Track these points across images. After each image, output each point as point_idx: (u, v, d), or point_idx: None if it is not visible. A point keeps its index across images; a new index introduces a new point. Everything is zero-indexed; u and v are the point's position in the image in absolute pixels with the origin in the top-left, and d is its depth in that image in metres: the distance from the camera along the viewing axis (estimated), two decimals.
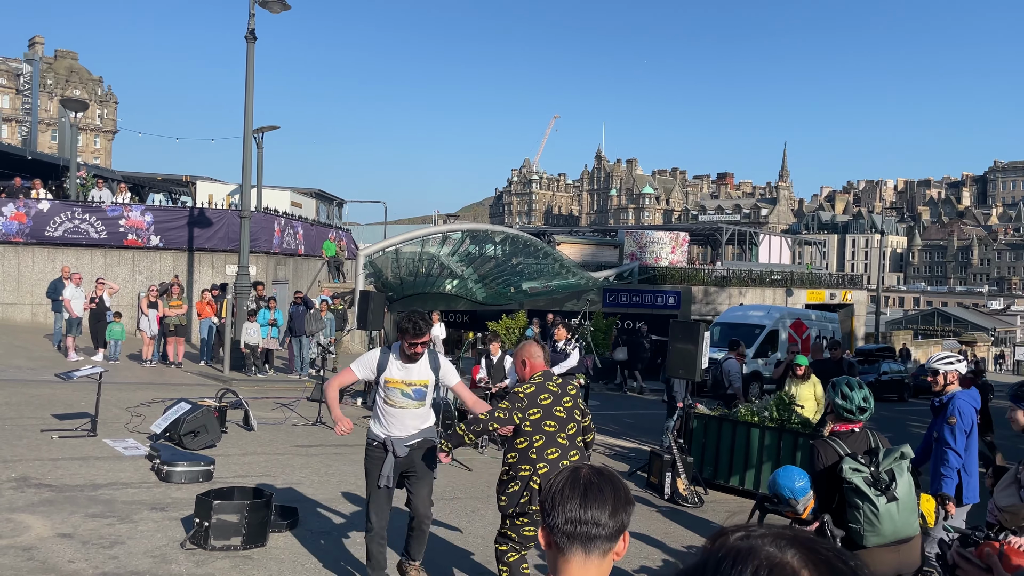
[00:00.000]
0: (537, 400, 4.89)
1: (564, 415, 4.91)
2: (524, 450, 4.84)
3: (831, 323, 26.39)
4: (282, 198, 29.18)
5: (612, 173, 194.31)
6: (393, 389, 5.27)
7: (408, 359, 5.26)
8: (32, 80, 56.12)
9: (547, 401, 4.90)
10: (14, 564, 5.43)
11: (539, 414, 4.86)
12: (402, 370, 5.28)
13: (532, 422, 4.83)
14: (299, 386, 15.97)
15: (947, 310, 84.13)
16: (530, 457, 4.86)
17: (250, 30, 17.97)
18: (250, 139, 18.82)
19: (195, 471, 7.94)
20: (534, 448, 4.85)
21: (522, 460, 4.89)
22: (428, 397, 5.42)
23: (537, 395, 4.90)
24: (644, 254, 39.41)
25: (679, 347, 10.53)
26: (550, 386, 4.94)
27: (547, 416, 4.86)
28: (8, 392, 12.17)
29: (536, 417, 4.85)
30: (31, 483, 7.41)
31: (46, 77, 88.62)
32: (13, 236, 21.11)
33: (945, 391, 5.85)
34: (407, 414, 5.30)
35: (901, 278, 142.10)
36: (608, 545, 1.79)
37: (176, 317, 17.32)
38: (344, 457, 9.93)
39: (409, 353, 5.24)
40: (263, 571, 5.69)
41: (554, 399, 4.92)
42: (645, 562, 6.80)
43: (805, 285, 40.84)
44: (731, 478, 10.01)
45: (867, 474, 4.03)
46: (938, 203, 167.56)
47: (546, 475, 4.79)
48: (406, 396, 5.28)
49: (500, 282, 30.26)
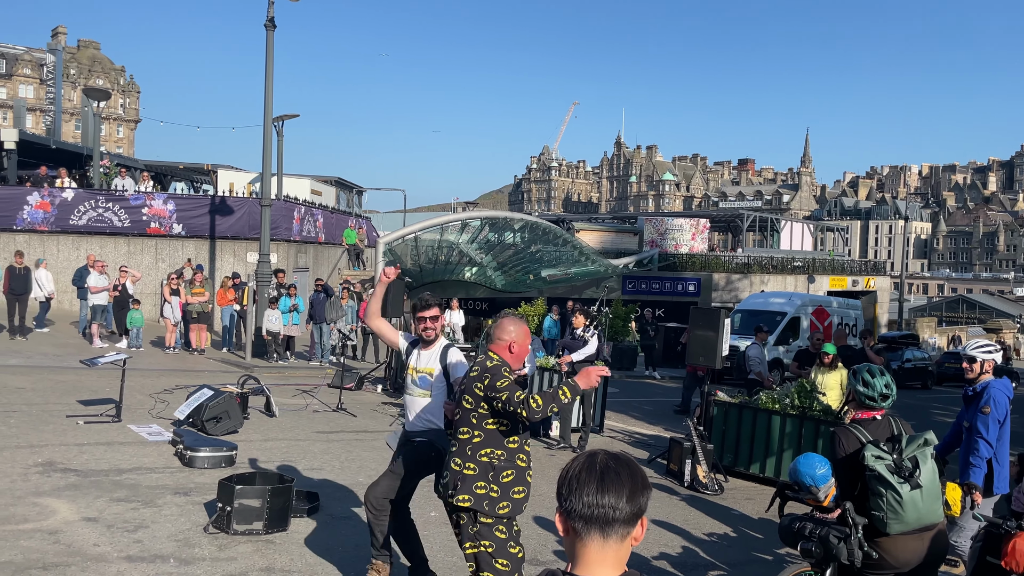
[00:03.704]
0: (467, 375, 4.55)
1: (460, 398, 4.42)
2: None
3: (854, 310, 26.11)
4: (302, 186, 29.30)
5: (632, 160, 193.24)
6: (409, 374, 5.24)
7: (425, 344, 5.16)
8: (55, 70, 56.66)
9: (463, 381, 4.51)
10: (40, 547, 5.52)
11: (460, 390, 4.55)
12: (416, 356, 5.21)
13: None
14: (320, 373, 16.08)
15: (972, 297, 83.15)
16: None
17: (269, 18, 18.01)
18: (270, 127, 18.91)
19: (218, 456, 8.02)
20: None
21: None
22: (435, 390, 5.06)
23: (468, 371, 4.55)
24: (664, 241, 39.21)
25: (699, 334, 10.46)
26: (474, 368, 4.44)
27: (459, 396, 4.47)
28: (34, 378, 12.36)
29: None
30: (57, 468, 7.52)
31: (69, 67, 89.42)
32: (38, 225, 21.39)
33: (979, 379, 5.78)
34: (417, 404, 5.17)
35: (925, 264, 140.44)
36: (626, 529, 1.78)
37: (199, 304, 17.48)
38: (364, 443, 10.00)
39: (420, 330, 5.10)
40: (285, 555, 5.74)
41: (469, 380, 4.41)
42: (665, 549, 6.78)
43: (827, 272, 40.47)
44: (752, 465, 9.95)
45: (890, 461, 3.98)
46: (964, 188, 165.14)
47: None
48: (414, 383, 5.18)
49: (519, 269, 30.24)
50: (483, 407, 4.28)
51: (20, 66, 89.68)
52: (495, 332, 4.46)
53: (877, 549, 4.05)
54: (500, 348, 4.40)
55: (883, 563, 4.06)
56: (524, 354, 4.51)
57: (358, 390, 14.27)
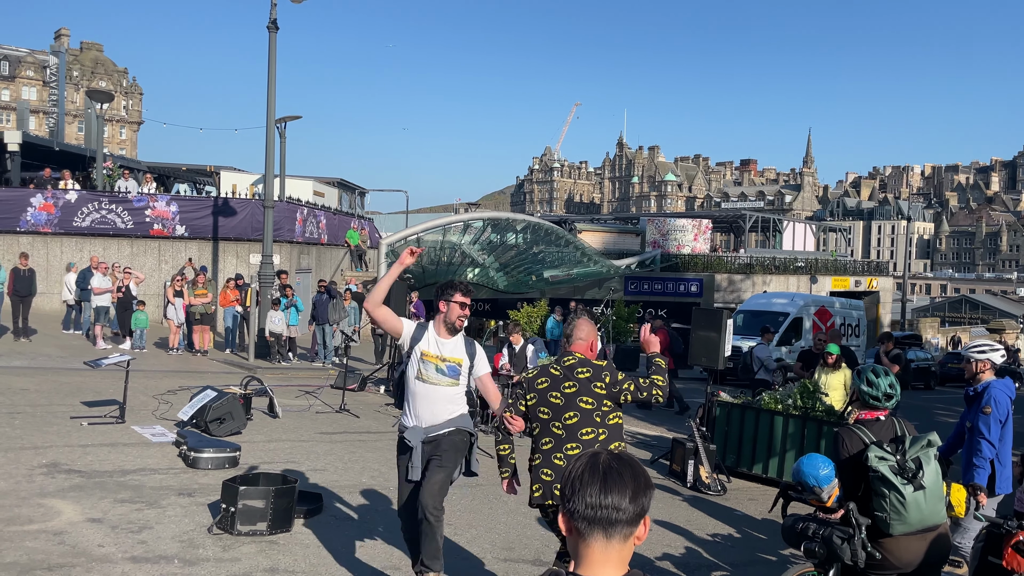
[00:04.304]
0: (534, 385, 4.59)
1: (561, 402, 4.48)
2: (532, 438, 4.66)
3: (856, 310, 26.07)
4: (305, 187, 29.33)
5: (634, 160, 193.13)
6: (428, 363, 4.90)
7: (450, 331, 4.93)
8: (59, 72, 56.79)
9: (543, 385, 4.56)
10: (45, 548, 5.54)
11: (534, 400, 4.57)
12: (439, 345, 4.93)
13: (529, 407, 4.59)
14: (323, 374, 16.10)
15: (975, 297, 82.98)
16: (532, 446, 4.64)
17: (272, 20, 18.03)
18: (273, 129, 18.94)
19: (221, 457, 8.03)
20: (533, 436, 4.62)
21: (532, 448, 4.67)
22: (462, 379, 4.99)
23: (535, 379, 4.61)
24: (666, 242, 39.16)
25: (701, 335, 10.47)
26: (552, 370, 4.60)
27: (542, 402, 4.54)
28: (39, 380, 12.38)
29: (532, 402, 4.58)
30: (61, 469, 7.54)
31: (72, 69, 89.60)
32: (42, 227, 21.43)
33: (978, 379, 5.75)
34: (440, 394, 4.90)
35: (928, 265, 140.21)
36: (629, 530, 1.79)
37: (202, 306, 17.51)
38: (368, 444, 10.01)
39: (455, 317, 4.89)
40: (288, 556, 5.76)
41: (551, 383, 4.53)
42: (668, 549, 6.79)
43: (830, 272, 40.41)
44: (754, 466, 9.95)
45: (893, 462, 3.99)
46: (966, 188, 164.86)
47: (537, 467, 4.54)
48: (440, 372, 4.90)
49: (521, 270, 30.23)
50: (606, 404, 4.46)
51: (23, 68, 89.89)
52: (575, 333, 4.64)
53: (880, 550, 4.05)
54: (582, 347, 4.62)
55: (886, 563, 4.06)
56: (596, 350, 4.76)
57: (361, 391, 14.28)
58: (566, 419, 4.46)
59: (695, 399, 11.73)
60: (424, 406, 4.92)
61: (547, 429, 4.52)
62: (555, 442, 4.48)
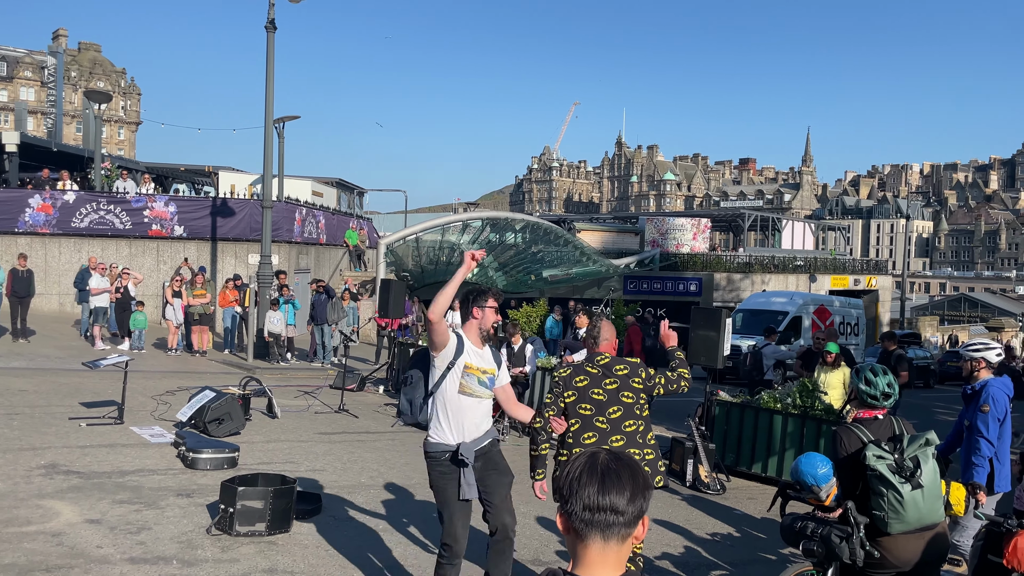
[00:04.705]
0: (572, 382, 4.78)
1: (604, 397, 4.71)
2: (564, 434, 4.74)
3: (855, 309, 26.08)
4: (303, 187, 29.31)
5: (633, 160, 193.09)
6: (471, 376, 4.58)
7: (483, 340, 4.72)
8: (56, 72, 56.66)
9: (583, 383, 4.76)
10: (44, 549, 5.54)
11: (574, 396, 4.76)
12: (477, 356, 4.66)
13: (568, 404, 4.76)
14: (322, 374, 16.10)
15: (974, 295, 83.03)
16: (567, 441, 4.75)
17: (270, 20, 18.02)
18: (271, 129, 18.93)
19: (220, 458, 8.03)
20: (570, 432, 4.73)
21: (561, 444, 4.77)
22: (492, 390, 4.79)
23: (573, 377, 4.80)
24: (665, 241, 39.16)
25: (700, 334, 10.45)
26: (589, 367, 4.82)
27: (582, 399, 4.74)
28: (37, 380, 12.37)
29: (571, 399, 4.76)
30: (60, 470, 7.53)
31: (70, 69, 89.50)
32: (40, 227, 21.41)
33: (975, 378, 5.74)
34: (484, 407, 4.66)
35: (927, 263, 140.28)
36: (627, 531, 1.78)
37: (200, 306, 17.50)
38: (367, 444, 10.01)
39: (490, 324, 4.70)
40: (287, 557, 5.75)
41: (592, 381, 4.76)
42: (667, 549, 6.79)
43: (829, 271, 40.44)
44: (753, 465, 9.95)
45: (891, 461, 3.98)
46: (965, 187, 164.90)
47: None
48: (483, 385, 4.63)
49: (520, 270, 30.23)
50: (643, 397, 4.82)
51: (21, 69, 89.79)
52: (602, 334, 4.94)
53: (879, 548, 4.05)
54: (608, 347, 4.95)
55: (885, 562, 4.06)
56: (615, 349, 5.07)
57: (360, 391, 14.28)
58: (610, 413, 4.73)
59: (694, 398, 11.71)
60: (470, 420, 4.62)
61: (590, 424, 4.74)
62: (599, 436, 4.71)
